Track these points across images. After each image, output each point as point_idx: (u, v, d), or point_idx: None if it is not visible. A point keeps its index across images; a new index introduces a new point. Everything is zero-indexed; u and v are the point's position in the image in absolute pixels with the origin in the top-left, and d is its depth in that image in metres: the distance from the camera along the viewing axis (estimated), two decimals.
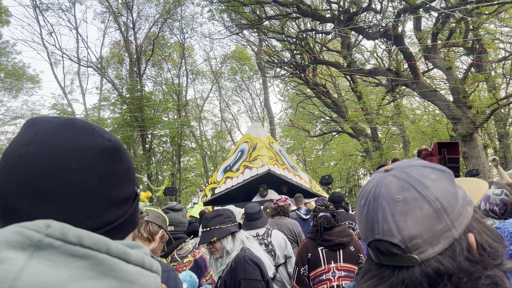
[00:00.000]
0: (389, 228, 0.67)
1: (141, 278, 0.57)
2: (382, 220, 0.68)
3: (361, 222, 0.74)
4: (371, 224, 0.70)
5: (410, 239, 0.66)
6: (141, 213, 1.85)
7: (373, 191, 0.73)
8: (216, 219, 2.62)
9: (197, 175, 32.14)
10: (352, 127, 22.60)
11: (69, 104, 23.52)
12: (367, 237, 0.72)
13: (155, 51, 26.25)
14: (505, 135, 23.85)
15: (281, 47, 21.01)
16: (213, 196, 11.42)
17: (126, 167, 0.69)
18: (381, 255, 0.71)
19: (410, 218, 0.66)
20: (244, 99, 35.58)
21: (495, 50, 17.86)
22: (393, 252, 0.67)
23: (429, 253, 0.66)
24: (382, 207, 0.69)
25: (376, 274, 0.71)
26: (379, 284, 0.70)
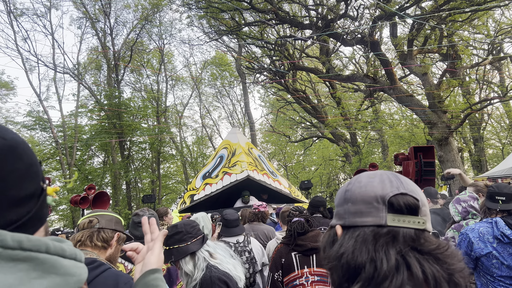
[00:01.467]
0: (412, 189, 0.81)
1: (77, 270, 0.61)
2: (405, 183, 0.82)
3: (374, 185, 0.83)
4: (396, 184, 0.81)
5: (423, 204, 0.80)
6: (91, 221, 1.77)
7: (384, 172, 0.88)
8: (175, 237, 2.38)
9: (177, 182, 31.82)
10: (331, 132, 22.81)
11: (45, 111, 22.97)
12: (391, 192, 0.80)
13: (134, 57, 25.99)
14: (479, 139, 24.45)
15: (260, 53, 21.09)
16: (192, 203, 11.29)
17: (27, 164, 0.66)
18: (391, 214, 0.78)
19: (420, 191, 0.83)
20: (224, 105, 35.56)
21: (469, 56, 18.35)
22: (415, 206, 0.79)
23: (428, 226, 0.80)
24: (402, 177, 0.84)
25: (381, 235, 0.77)
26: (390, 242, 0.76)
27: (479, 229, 2.78)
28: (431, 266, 0.73)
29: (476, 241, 2.74)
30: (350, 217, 0.83)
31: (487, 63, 17.26)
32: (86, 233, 1.76)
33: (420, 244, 0.75)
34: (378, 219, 0.78)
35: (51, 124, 23.22)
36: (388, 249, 0.75)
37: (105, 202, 9.83)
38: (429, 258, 0.74)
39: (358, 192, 0.84)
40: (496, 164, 23.29)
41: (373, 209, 0.80)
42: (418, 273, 0.71)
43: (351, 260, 0.77)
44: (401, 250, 0.74)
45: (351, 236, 0.80)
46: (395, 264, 0.73)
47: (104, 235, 1.79)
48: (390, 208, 0.78)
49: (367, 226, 0.79)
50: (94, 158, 28.10)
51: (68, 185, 6.04)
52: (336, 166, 31.17)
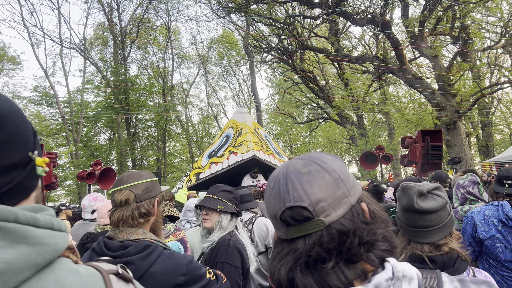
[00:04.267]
0: (298, 195, 0.77)
1: (52, 240, 0.60)
2: (292, 190, 0.78)
3: (271, 201, 0.82)
4: (283, 197, 0.78)
5: (317, 203, 0.76)
6: (128, 198, 1.65)
7: (281, 171, 0.83)
8: (226, 193, 2.62)
9: (182, 160, 31.98)
10: (338, 114, 22.67)
11: (52, 87, 22.98)
12: (279, 209, 0.78)
13: (140, 33, 25.76)
14: (487, 123, 24.23)
15: (268, 32, 20.80)
16: (197, 181, 11.35)
17: (11, 133, 0.64)
18: (291, 227, 0.77)
19: (315, 185, 0.77)
20: (231, 84, 35.34)
21: (481, 39, 17.98)
22: (304, 216, 0.76)
23: (333, 216, 0.76)
24: (291, 180, 0.79)
25: (289, 250, 0.77)
26: (294, 257, 0.76)
27: (485, 212, 2.75)
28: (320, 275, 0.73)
29: (480, 223, 2.71)
30: (275, 227, 0.85)
31: (499, 46, 16.90)
32: (126, 212, 1.65)
33: (324, 245, 0.75)
34: (284, 234, 0.80)
35: (58, 100, 23.26)
36: (282, 265, 0.77)
37: (111, 178, 9.92)
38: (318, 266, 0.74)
39: (267, 206, 0.85)
40: (503, 149, 23.11)
41: (279, 225, 0.81)
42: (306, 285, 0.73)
43: (272, 276, 0.81)
44: (294, 264, 0.76)
45: (275, 248, 0.84)
46: (286, 279, 0.76)
47: (144, 209, 1.68)
48: (286, 223, 0.78)
49: (281, 239, 0.82)
50: (100, 135, 28.27)
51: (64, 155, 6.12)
52: (342, 148, 31.13)
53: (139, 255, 1.53)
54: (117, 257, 1.51)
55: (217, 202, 2.55)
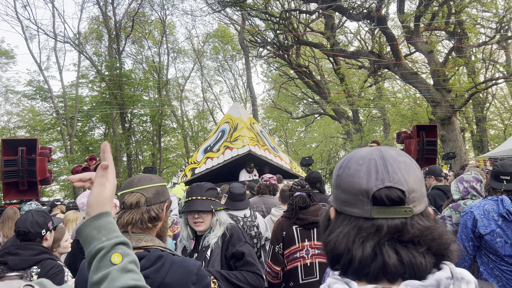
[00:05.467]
0: (398, 178, 0.79)
1: None
2: (392, 172, 0.80)
3: (361, 177, 0.82)
4: (381, 175, 0.80)
5: (411, 191, 0.79)
6: (138, 201, 1.62)
7: (375, 153, 0.85)
8: (211, 191, 2.58)
9: (178, 155, 31.91)
10: (334, 109, 22.69)
11: (46, 81, 22.80)
12: (375, 186, 0.79)
13: (135, 28, 25.57)
14: (482, 119, 24.36)
15: (264, 26, 20.72)
16: (193, 176, 11.33)
17: None
18: (377, 206, 0.79)
19: (411, 175, 0.81)
20: (226, 79, 35.21)
21: (476, 35, 18.02)
22: (399, 199, 0.78)
23: (418, 209, 0.80)
24: (390, 163, 0.82)
25: (370, 228, 0.79)
26: (379, 236, 0.77)
27: (484, 206, 2.76)
28: (408, 252, 0.76)
29: (480, 218, 2.73)
30: (341, 204, 0.85)
31: (494, 42, 16.96)
32: (136, 215, 1.61)
33: (405, 233, 0.77)
34: (364, 212, 0.80)
35: (52, 94, 23.10)
36: (365, 241, 0.78)
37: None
38: (409, 245, 0.77)
39: (346, 181, 0.84)
40: (497, 145, 23.26)
41: (359, 202, 0.81)
42: (390, 261, 0.75)
43: (332, 250, 0.83)
44: (379, 241, 0.77)
45: (339, 225, 0.84)
46: (370, 253, 0.76)
47: (154, 213, 1.65)
48: (375, 202, 0.79)
49: (354, 217, 0.82)
50: (95, 130, 28.10)
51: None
52: (337, 143, 31.19)
53: (153, 268, 1.52)
54: None
55: (209, 203, 2.51)
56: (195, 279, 1.57)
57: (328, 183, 31.36)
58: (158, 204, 1.69)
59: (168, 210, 1.79)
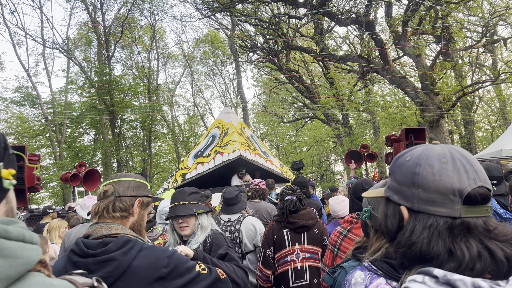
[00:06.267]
0: (484, 178, 0.81)
1: (24, 252, 0.59)
2: (479, 171, 0.82)
3: (449, 175, 0.81)
4: (472, 175, 0.81)
5: (492, 191, 0.82)
6: (106, 191, 1.66)
7: (454, 152, 0.86)
8: (194, 195, 2.60)
9: (168, 161, 31.76)
10: (324, 113, 22.80)
11: (34, 87, 22.58)
12: (469, 185, 0.80)
13: (125, 33, 25.48)
14: (470, 121, 24.68)
15: (254, 31, 20.80)
16: (183, 181, 11.29)
17: None
18: (466, 206, 0.79)
19: (485, 174, 0.84)
20: (217, 84, 35.22)
21: (463, 39, 18.29)
22: (488, 198, 0.80)
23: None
24: (474, 163, 0.83)
25: (463, 228, 0.79)
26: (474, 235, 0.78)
27: None
28: (507, 249, 0.76)
29: None
30: (421, 203, 0.83)
31: (480, 46, 17.23)
32: (101, 204, 1.65)
33: (494, 233, 0.78)
34: (453, 211, 0.79)
35: (41, 101, 22.87)
36: (468, 240, 0.78)
37: (96, 180, 9.80)
38: (508, 245, 0.77)
39: (431, 179, 0.82)
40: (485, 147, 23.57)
41: (448, 201, 0.80)
42: (501, 257, 0.75)
43: (426, 250, 0.80)
44: (482, 240, 0.77)
45: (424, 225, 0.81)
46: (477, 253, 0.76)
47: (121, 204, 1.66)
48: (466, 201, 0.79)
49: (440, 216, 0.80)
50: (85, 136, 27.86)
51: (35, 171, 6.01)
52: (328, 147, 31.33)
53: (120, 250, 1.52)
54: (98, 254, 1.51)
55: (192, 207, 2.53)
56: (167, 262, 1.55)
57: (320, 186, 31.45)
58: (128, 197, 1.70)
59: (145, 208, 1.78)
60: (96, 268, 1.48)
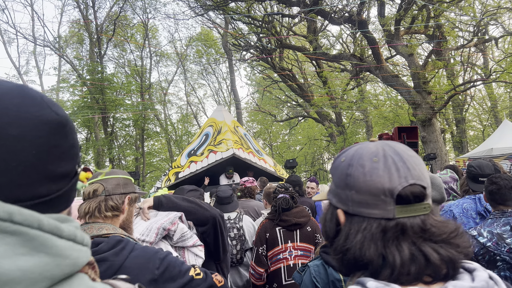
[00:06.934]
0: (418, 174, 0.77)
1: (73, 253, 0.58)
2: (412, 168, 0.77)
3: (380, 175, 0.77)
4: (403, 173, 0.77)
5: (428, 187, 0.78)
6: (96, 190, 1.63)
7: (387, 149, 0.81)
8: (193, 193, 2.67)
9: (162, 159, 31.64)
10: (317, 112, 22.85)
11: None
12: (399, 184, 0.76)
13: (117, 31, 25.31)
14: (461, 120, 24.89)
15: (247, 30, 20.77)
16: (176, 180, 11.26)
17: (70, 144, 0.68)
18: (400, 206, 0.76)
19: (424, 169, 0.79)
20: (210, 82, 35.14)
21: (455, 38, 18.42)
22: (422, 196, 0.76)
23: (432, 205, 0.79)
24: (406, 159, 0.78)
25: (396, 230, 0.75)
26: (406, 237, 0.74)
27: (463, 205, 2.81)
28: (447, 251, 0.73)
29: (459, 217, 2.77)
30: (355, 206, 0.80)
31: (472, 45, 17.38)
32: (93, 204, 1.62)
33: (430, 232, 0.75)
34: (386, 212, 0.76)
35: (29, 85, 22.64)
36: (400, 243, 0.74)
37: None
38: (443, 245, 0.74)
39: (362, 180, 0.78)
40: (476, 145, 23.78)
41: (380, 202, 0.76)
42: (435, 260, 0.71)
43: (358, 256, 0.76)
44: (414, 242, 0.74)
45: (357, 229, 0.78)
46: (410, 256, 0.73)
47: (113, 203, 1.64)
48: (398, 200, 0.76)
49: (374, 219, 0.77)
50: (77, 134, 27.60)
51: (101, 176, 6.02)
52: (321, 145, 31.39)
53: (112, 251, 1.50)
54: None
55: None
56: (159, 263, 1.53)
57: None
58: (118, 195, 1.68)
59: (132, 204, 1.77)
60: None
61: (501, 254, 2.10)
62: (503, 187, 2.25)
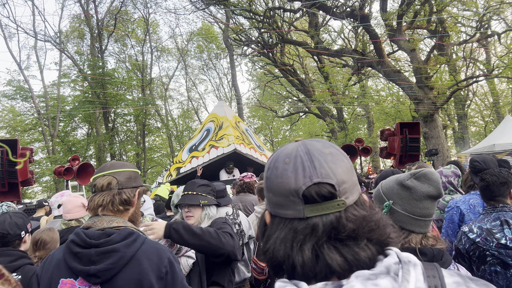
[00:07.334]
0: (326, 172, 0.76)
1: None
2: (319, 166, 0.77)
3: (288, 176, 0.78)
4: (309, 172, 0.76)
5: (341, 183, 0.77)
6: (110, 183, 1.63)
7: (300, 149, 0.82)
8: (204, 187, 2.67)
9: (163, 155, 31.67)
10: (318, 108, 22.81)
11: (26, 81, 22.34)
12: (303, 184, 0.76)
13: (118, 26, 25.25)
14: (463, 116, 24.82)
15: (248, 25, 20.69)
16: (178, 175, 11.26)
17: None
18: (309, 205, 0.76)
19: (339, 166, 0.79)
20: (211, 78, 35.08)
21: (457, 34, 18.34)
22: (330, 194, 0.75)
23: (350, 200, 0.77)
24: (316, 157, 0.79)
25: (305, 229, 0.75)
26: (316, 236, 0.74)
27: (469, 201, 2.78)
28: (351, 250, 0.73)
29: (467, 213, 2.74)
30: (274, 207, 0.81)
31: (474, 40, 17.29)
32: (107, 197, 1.62)
33: (341, 229, 0.74)
34: (297, 212, 0.76)
35: (33, 94, 22.65)
36: (303, 244, 0.74)
37: (90, 174, 9.73)
38: (349, 243, 0.74)
39: (275, 183, 0.80)
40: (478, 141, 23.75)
41: (291, 203, 0.77)
42: (333, 263, 0.72)
43: (272, 257, 0.78)
44: (317, 242, 0.74)
45: (275, 229, 0.80)
46: (311, 257, 0.73)
47: (126, 196, 1.65)
48: (306, 200, 0.75)
49: (289, 219, 0.78)
50: (78, 130, 27.67)
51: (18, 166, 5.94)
52: None
53: (123, 242, 1.51)
54: (101, 244, 1.49)
55: (198, 198, 2.60)
56: (167, 263, 1.56)
57: None
58: (130, 189, 1.69)
59: (141, 197, 1.78)
60: (99, 260, 1.47)
61: (490, 249, 2.11)
62: (491, 184, 2.26)
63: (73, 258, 1.50)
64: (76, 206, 3.34)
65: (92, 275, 1.46)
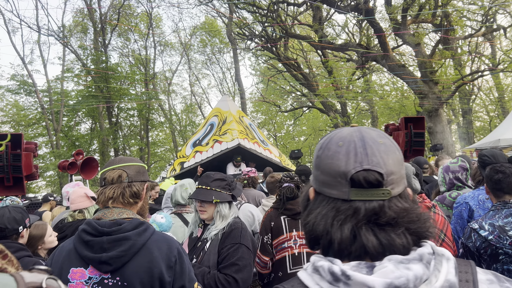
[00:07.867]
0: (377, 161, 0.79)
1: None
2: (371, 154, 0.80)
3: (340, 158, 0.82)
4: (360, 158, 0.80)
5: (390, 174, 0.80)
6: (120, 176, 1.67)
7: (355, 134, 0.85)
8: (219, 182, 2.60)
9: (166, 150, 31.73)
10: (322, 102, 22.73)
11: (30, 75, 22.38)
12: (353, 168, 0.79)
13: (121, 21, 25.21)
14: (468, 111, 24.67)
15: (252, 19, 20.60)
16: (182, 170, 11.26)
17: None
18: (355, 189, 0.79)
19: (390, 157, 0.82)
20: (214, 72, 35.03)
21: (462, 28, 18.17)
22: (377, 182, 0.78)
23: (396, 191, 0.80)
24: (370, 145, 0.82)
25: (348, 210, 0.79)
26: (357, 218, 0.77)
27: (478, 197, 2.74)
28: (387, 235, 0.76)
29: (476, 209, 2.70)
30: (320, 185, 0.86)
31: (479, 34, 17.13)
32: (117, 190, 1.66)
33: (382, 215, 0.78)
34: (342, 193, 0.81)
35: (36, 89, 22.71)
36: (343, 224, 0.78)
37: (94, 168, 9.73)
38: (386, 228, 0.77)
39: (325, 163, 0.85)
40: (483, 136, 23.61)
41: (338, 183, 0.81)
42: (368, 244, 0.75)
43: (311, 230, 0.83)
44: (357, 224, 0.77)
45: (318, 205, 0.84)
46: (349, 236, 0.77)
47: (135, 189, 1.70)
48: (353, 184, 0.79)
49: (332, 198, 0.82)
50: (81, 124, 27.77)
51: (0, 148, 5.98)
52: None
53: (135, 231, 1.55)
54: (113, 233, 1.52)
55: (211, 193, 2.54)
56: (176, 252, 1.60)
57: None
58: (139, 182, 1.74)
59: (149, 192, 1.83)
60: (110, 247, 1.50)
61: (503, 248, 2.03)
62: (510, 175, 2.16)
63: (85, 246, 1.54)
64: (79, 196, 3.37)
65: (104, 262, 1.49)
